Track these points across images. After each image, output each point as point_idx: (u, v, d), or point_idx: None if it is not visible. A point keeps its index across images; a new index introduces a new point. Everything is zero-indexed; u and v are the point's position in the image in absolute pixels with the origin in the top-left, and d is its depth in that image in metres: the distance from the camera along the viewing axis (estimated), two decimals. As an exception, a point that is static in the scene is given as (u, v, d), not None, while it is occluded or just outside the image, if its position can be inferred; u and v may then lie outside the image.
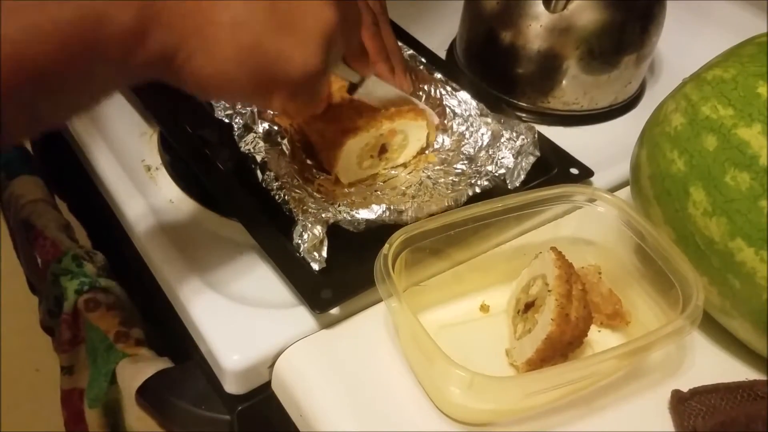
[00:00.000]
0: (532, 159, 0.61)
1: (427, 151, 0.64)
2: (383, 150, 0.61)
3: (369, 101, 0.60)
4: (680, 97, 0.52)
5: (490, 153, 0.62)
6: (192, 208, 0.61)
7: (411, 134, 0.62)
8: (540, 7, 0.68)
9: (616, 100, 0.74)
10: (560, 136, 0.66)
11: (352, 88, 0.58)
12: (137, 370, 0.56)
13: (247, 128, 0.60)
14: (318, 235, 0.52)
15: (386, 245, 0.49)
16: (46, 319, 0.75)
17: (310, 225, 0.52)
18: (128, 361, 0.58)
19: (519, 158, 0.60)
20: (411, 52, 0.70)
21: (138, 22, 0.37)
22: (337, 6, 0.43)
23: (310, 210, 0.53)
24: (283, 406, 0.51)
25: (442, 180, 0.61)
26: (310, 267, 0.52)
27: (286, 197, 0.54)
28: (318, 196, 0.55)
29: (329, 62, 0.44)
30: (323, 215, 0.53)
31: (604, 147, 0.68)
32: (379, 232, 0.52)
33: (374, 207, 0.54)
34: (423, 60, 0.69)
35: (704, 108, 0.49)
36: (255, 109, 0.61)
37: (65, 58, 0.36)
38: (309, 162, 0.61)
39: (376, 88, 0.59)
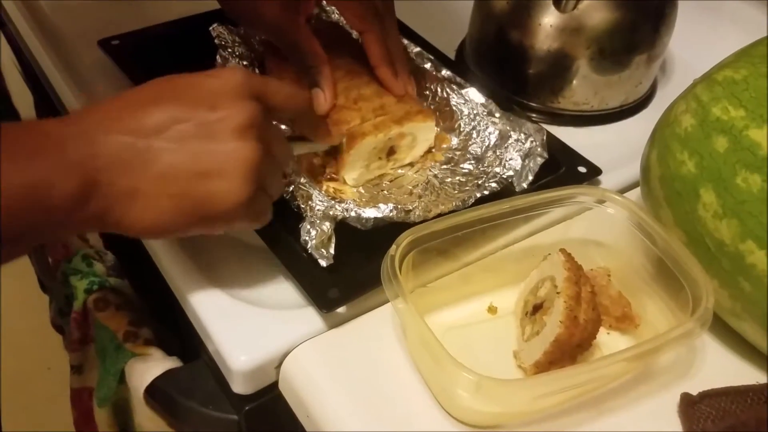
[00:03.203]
0: (540, 161, 0.60)
1: (433, 150, 0.64)
2: (391, 152, 0.61)
3: None
4: (690, 98, 0.51)
5: (498, 154, 0.61)
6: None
7: (419, 135, 0.62)
8: (550, 7, 0.67)
9: (626, 100, 0.73)
10: (570, 136, 0.66)
11: (334, 150, 0.59)
12: (146, 369, 0.57)
13: None
14: (326, 231, 0.52)
15: (393, 246, 0.48)
16: (56, 318, 0.75)
17: (318, 221, 0.52)
18: (137, 360, 0.58)
19: (527, 160, 0.60)
20: (418, 49, 0.70)
21: (80, 189, 0.41)
22: (256, 141, 0.46)
23: (318, 206, 0.53)
24: (290, 406, 0.51)
25: (449, 180, 0.61)
26: (318, 266, 0.52)
27: (294, 193, 0.54)
28: (326, 195, 0.55)
29: (262, 185, 0.48)
30: (331, 212, 0.53)
31: (615, 147, 0.67)
32: (387, 230, 0.52)
33: (381, 206, 0.54)
34: (431, 57, 0.69)
35: (715, 109, 0.49)
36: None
37: (9, 219, 0.38)
38: (315, 162, 0.61)
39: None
